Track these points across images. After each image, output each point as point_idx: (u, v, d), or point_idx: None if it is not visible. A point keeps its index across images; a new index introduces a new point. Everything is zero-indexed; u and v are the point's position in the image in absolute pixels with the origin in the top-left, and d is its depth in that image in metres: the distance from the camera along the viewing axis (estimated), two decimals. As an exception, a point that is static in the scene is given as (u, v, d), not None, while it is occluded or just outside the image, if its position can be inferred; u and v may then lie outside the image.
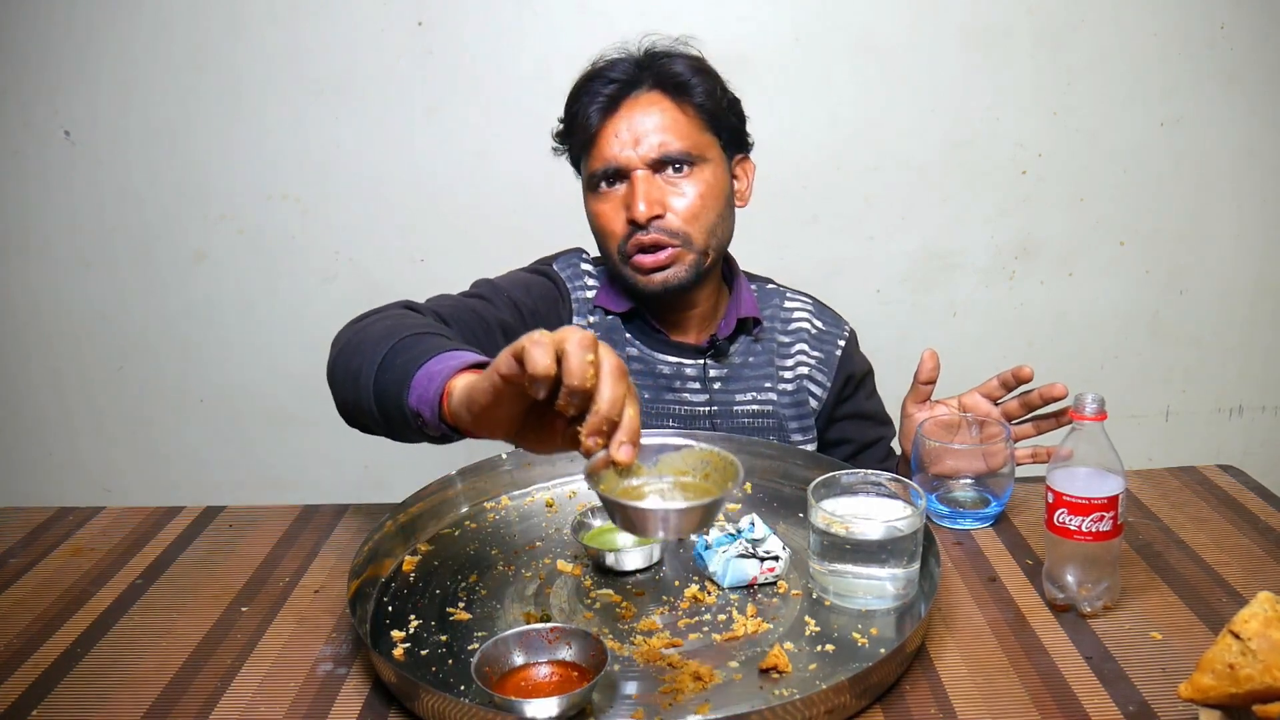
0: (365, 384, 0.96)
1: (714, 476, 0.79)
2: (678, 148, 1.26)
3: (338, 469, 2.19)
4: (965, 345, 2.19)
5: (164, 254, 2.13)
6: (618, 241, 1.29)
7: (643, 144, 1.26)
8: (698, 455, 0.80)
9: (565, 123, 1.32)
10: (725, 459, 0.78)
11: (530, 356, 0.71)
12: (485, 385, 0.77)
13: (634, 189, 1.26)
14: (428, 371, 0.89)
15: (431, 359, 0.90)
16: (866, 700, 0.87)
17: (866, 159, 2.12)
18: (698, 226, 1.28)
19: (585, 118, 1.27)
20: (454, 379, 0.86)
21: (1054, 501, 0.99)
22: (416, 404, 0.89)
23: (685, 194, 1.27)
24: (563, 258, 1.41)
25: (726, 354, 1.38)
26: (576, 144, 1.30)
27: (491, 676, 0.88)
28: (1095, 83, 2.10)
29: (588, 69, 1.31)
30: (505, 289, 1.31)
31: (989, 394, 1.24)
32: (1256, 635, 0.76)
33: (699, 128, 1.29)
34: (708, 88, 1.29)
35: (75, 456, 2.26)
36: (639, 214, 1.25)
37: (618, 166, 1.27)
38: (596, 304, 1.37)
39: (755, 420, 1.38)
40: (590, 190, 1.31)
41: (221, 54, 2.02)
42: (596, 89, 1.27)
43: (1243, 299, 2.27)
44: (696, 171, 1.28)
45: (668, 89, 1.28)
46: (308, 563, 1.15)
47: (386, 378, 0.94)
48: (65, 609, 1.07)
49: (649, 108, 1.27)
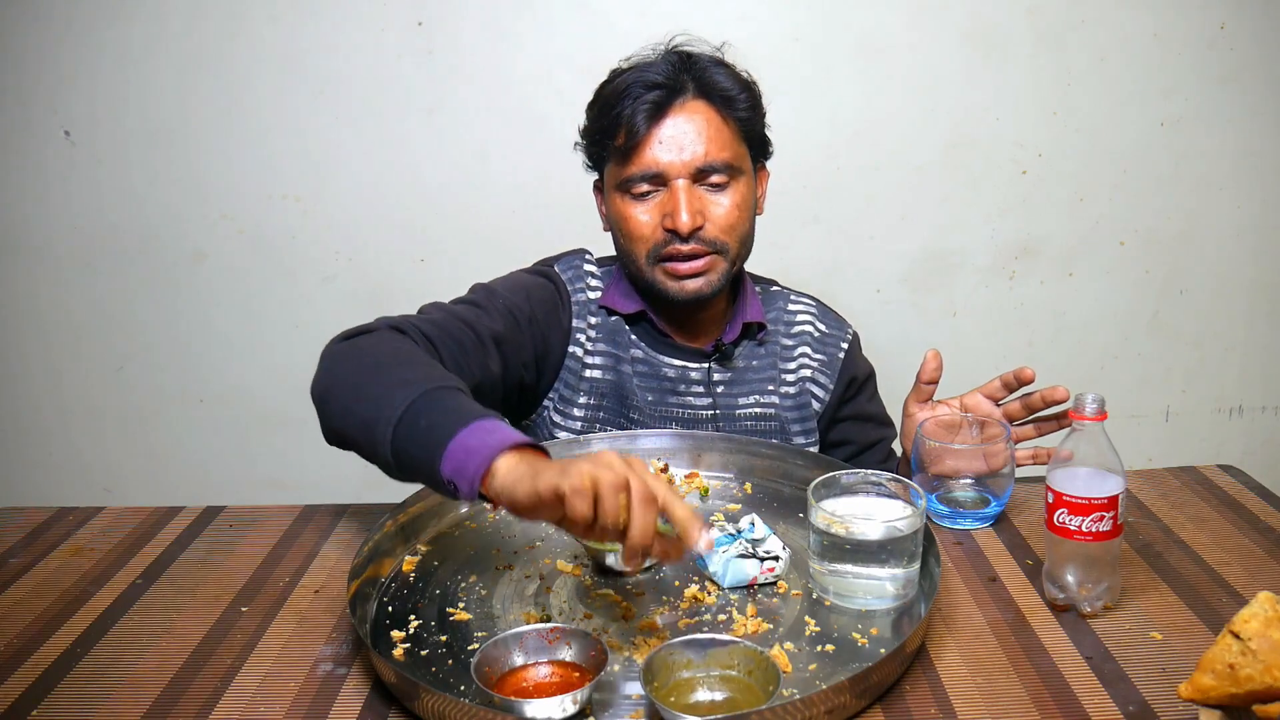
0: (382, 437, 0.96)
1: (756, 675, 0.86)
2: (720, 159, 1.26)
3: (338, 469, 2.18)
4: (965, 345, 2.19)
5: (164, 254, 2.13)
6: (649, 246, 1.28)
7: (686, 153, 1.25)
8: (743, 652, 0.87)
9: (599, 123, 1.29)
10: (767, 660, 0.86)
11: (571, 507, 0.83)
12: (528, 502, 0.86)
13: (675, 198, 1.25)
14: (463, 445, 0.90)
15: (466, 429, 0.91)
16: (866, 700, 0.87)
17: (866, 159, 2.12)
18: (734, 237, 1.28)
19: (630, 121, 1.24)
20: (497, 461, 0.88)
21: (1054, 501, 0.99)
22: (451, 475, 0.90)
23: (723, 205, 1.27)
24: (565, 259, 1.40)
25: (731, 358, 1.37)
26: (611, 146, 1.28)
27: (491, 676, 0.88)
28: (1095, 83, 2.10)
29: (620, 69, 1.29)
30: (502, 295, 1.29)
31: (991, 395, 1.24)
32: (1256, 635, 0.76)
33: (738, 139, 1.29)
34: (751, 102, 1.29)
35: (75, 456, 2.26)
36: (682, 225, 1.24)
37: (659, 172, 1.25)
38: (602, 305, 1.35)
39: (757, 423, 1.37)
40: (621, 192, 1.28)
41: (222, 54, 2.02)
42: (639, 92, 1.25)
43: (1242, 299, 2.27)
44: (734, 183, 1.28)
45: (713, 99, 1.27)
46: (308, 563, 1.15)
47: (409, 437, 0.94)
48: (65, 609, 1.07)
49: (694, 116, 1.26)
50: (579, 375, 1.34)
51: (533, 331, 1.29)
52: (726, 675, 0.87)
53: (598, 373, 1.35)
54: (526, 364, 1.30)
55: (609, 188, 1.31)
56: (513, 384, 1.28)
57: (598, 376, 1.34)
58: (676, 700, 0.85)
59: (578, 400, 1.34)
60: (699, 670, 0.88)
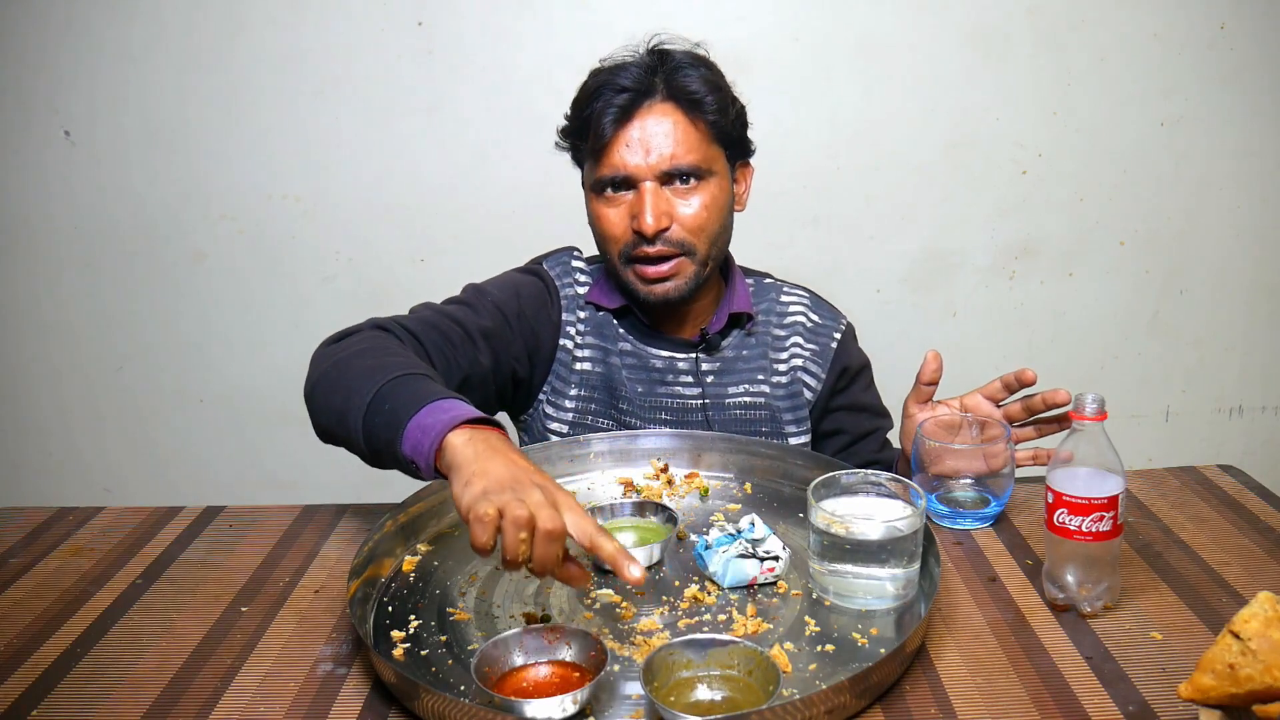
0: (354, 425, 1.02)
1: (756, 675, 0.87)
2: (687, 162, 1.27)
3: (338, 469, 2.18)
4: (965, 345, 2.18)
5: (164, 254, 2.13)
6: (620, 246, 1.30)
7: (653, 155, 1.26)
8: (743, 652, 0.87)
9: (574, 124, 1.31)
10: (767, 660, 0.86)
11: (472, 534, 0.85)
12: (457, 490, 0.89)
13: (642, 200, 1.26)
14: (420, 424, 0.95)
15: (422, 410, 0.96)
16: (866, 700, 0.87)
17: (866, 159, 2.12)
18: (702, 238, 1.30)
19: (598, 124, 1.26)
20: (449, 435, 0.93)
21: (1054, 501, 0.99)
22: (411, 454, 0.96)
23: (691, 206, 1.28)
24: (553, 256, 1.43)
25: (717, 348, 1.39)
26: (584, 146, 1.30)
27: (491, 676, 0.88)
28: (1095, 83, 2.10)
29: (598, 69, 1.31)
30: (492, 293, 1.33)
31: (991, 395, 1.24)
32: (1256, 635, 0.76)
33: (708, 141, 1.29)
34: (720, 104, 1.29)
35: (75, 456, 2.26)
36: (646, 227, 1.25)
37: (626, 175, 1.27)
38: (589, 300, 1.38)
39: (748, 412, 1.38)
40: (595, 192, 1.31)
41: (222, 54, 2.02)
42: (609, 94, 1.26)
43: (1242, 299, 2.27)
44: (703, 184, 1.29)
45: (681, 102, 1.27)
46: (308, 563, 1.15)
47: (376, 422, 1.00)
48: (65, 609, 1.07)
49: (661, 119, 1.27)
50: (569, 368, 1.37)
51: (522, 326, 1.33)
52: (726, 675, 0.87)
53: (587, 365, 1.37)
54: (518, 357, 1.33)
55: (585, 187, 1.34)
56: (505, 378, 1.32)
57: (587, 369, 1.37)
58: (676, 700, 0.85)
59: (569, 393, 1.37)
60: (699, 670, 0.88)
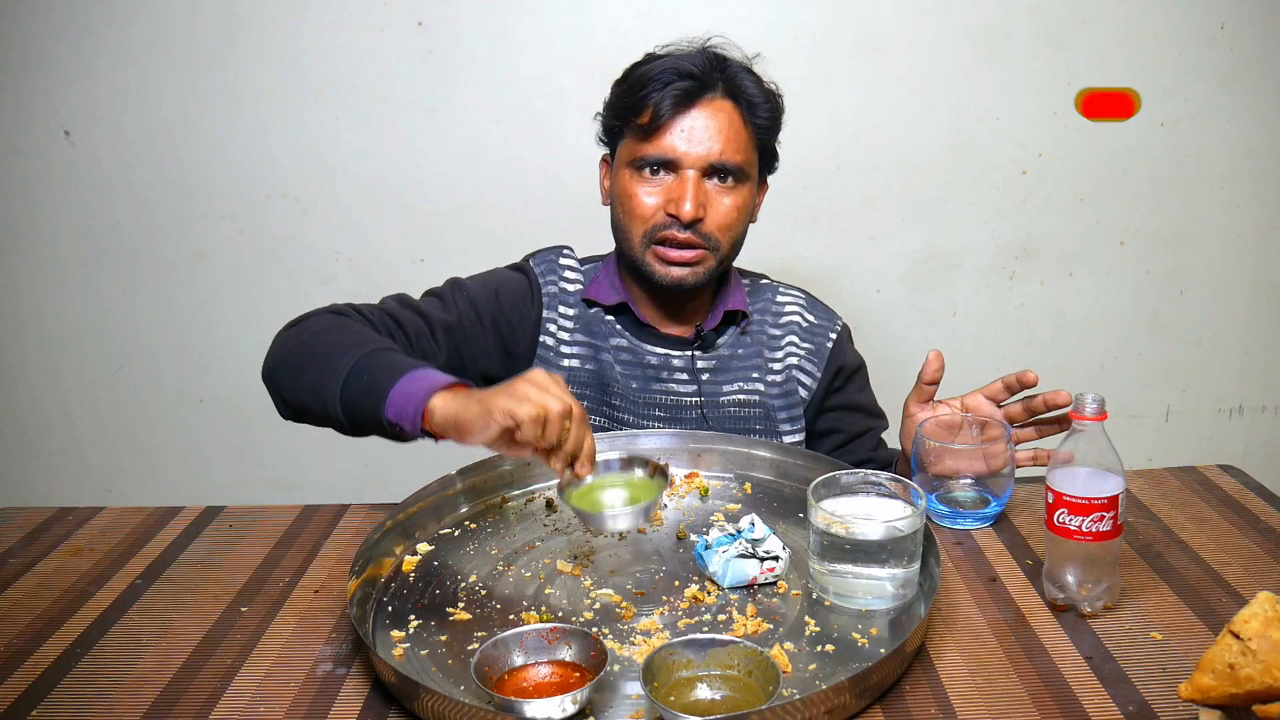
0: (331, 397, 1.09)
1: (756, 675, 0.87)
2: (734, 160, 1.29)
3: (338, 469, 2.19)
4: (965, 345, 2.18)
5: (164, 254, 2.13)
6: (647, 226, 1.31)
7: (703, 146, 1.27)
8: (743, 652, 0.88)
9: (627, 99, 1.31)
10: (767, 660, 0.87)
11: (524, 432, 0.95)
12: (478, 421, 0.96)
13: (684, 186, 1.28)
14: (402, 391, 1.03)
15: (403, 379, 1.04)
16: (866, 700, 0.87)
17: (866, 159, 2.12)
18: (728, 237, 1.32)
19: (658, 105, 1.27)
20: (432, 400, 1.01)
21: (1054, 502, 0.99)
22: (395, 418, 1.03)
23: (725, 204, 1.30)
24: (541, 254, 1.44)
25: (713, 345, 1.39)
26: (634, 123, 1.30)
27: (491, 676, 0.88)
28: (1095, 83, 2.10)
29: (656, 54, 1.32)
30: (468, 290, 1.36)
31: (992, 396, 1.24)
32: (1256, 635, 0.76)
33: (752, 146, 1.32)
34: (772, 114, 1.32)
35: (75, 456, 2.26)
36: (685, 213, 1.27)
37: (674, 159, 1.28)
38: (585, 297, 1.39)
39: (742, 410, 1.39)
40: (633, 169, 1.31)
41: (221, 54, 2.02)
42: (671, 78, 1.27)
43: (1242, 299, 2.27)
44: (739, 187, 1.31)
45: (739, 102, 1.30)
46: (308, 563, 1.15)
47: (355, 392, 1.07)
48: (65, 609, 1.07)
49: (717, 113, 1.28)
50: (554, 365, 1.38)
51: (496, 323, 1.36)
52: (726, 675, 0.88)
53: (575, 362, 1.38)
54: (489, 354, 1.36)
55: (620, 163, 1.34)
56: (475, 375, 1.34)
57: (575, 366, 1.38)
58: (676, 700, 0.85)
59: None
60: (699, 670, 0.88)
